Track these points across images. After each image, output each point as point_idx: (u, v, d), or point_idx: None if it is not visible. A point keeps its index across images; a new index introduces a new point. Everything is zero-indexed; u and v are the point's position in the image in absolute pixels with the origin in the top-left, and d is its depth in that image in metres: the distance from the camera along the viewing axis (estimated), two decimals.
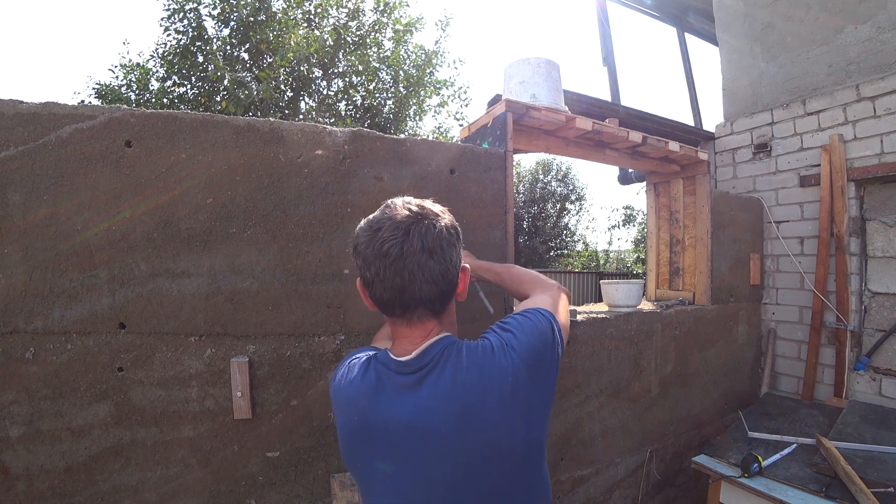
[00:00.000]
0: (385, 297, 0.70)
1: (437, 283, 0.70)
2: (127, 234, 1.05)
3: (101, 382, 1.04)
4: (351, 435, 0.74)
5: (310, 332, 1.22)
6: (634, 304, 2.02)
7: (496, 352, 0.71)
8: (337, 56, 7.58)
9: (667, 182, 2.49)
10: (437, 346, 0.72)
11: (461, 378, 0.68)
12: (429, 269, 0.68)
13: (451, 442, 0.67)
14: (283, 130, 1.18)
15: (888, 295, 2.19)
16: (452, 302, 0.78)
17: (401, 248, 0.67)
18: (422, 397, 0.68)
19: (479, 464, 0.67)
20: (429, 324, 0.74)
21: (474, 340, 0.75)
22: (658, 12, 4.04)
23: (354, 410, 0.73)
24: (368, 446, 0.72)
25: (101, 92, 6.91)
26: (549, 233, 14.48)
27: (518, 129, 1.69)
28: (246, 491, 1.16)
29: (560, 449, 1.68)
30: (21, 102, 0.99)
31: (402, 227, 0.68)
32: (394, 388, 0.71)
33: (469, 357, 0.70)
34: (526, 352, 0.72)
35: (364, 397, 0.72)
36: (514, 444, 0.69)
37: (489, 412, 0.67)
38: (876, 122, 2.19)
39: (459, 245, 0.76)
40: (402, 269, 0.67)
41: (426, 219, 0.71)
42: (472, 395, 0.67)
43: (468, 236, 1.44)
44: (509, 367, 0.69)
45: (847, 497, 1.33)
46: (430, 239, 0.69)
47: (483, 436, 0.67)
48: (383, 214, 0.72)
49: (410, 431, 0.68)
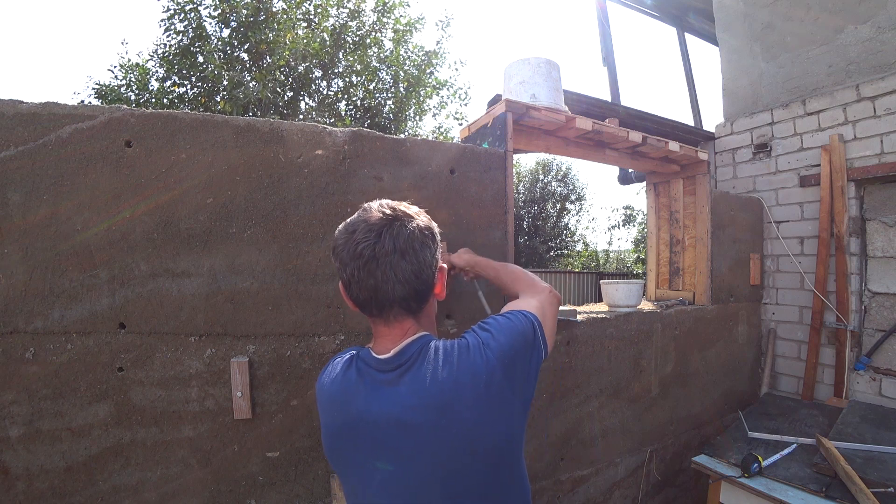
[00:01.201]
0: (361, 297, 0.72)
1: (410, 282, 0.71)
2: (127, 234, 1.05)
3: (101, 382, 1.04)
4: (334, 433, 0.75)
5: (310, 332, 1.22)
6: (634, 304, 2.02)
7: (471, 350, 0.72)
8: (337, 56, 7.58)
9: (667, 182, 2.49)
10: (415, 345, 0.73)
11: (436, 376, 0.69)
12: (401, 269, 0.70)
13: (429, 439, 0.67)
14: (283, 130, 1.18)
15: (888, 295, 2.19)
16: (430, 301, 0.79)
17: (373, 249, 0.69)
18: (401, 394, 0.69)
19: (457, 461, 0.68)
20: (405, 322, 0.75)
21: (451, 339, 0.76)
22: (658, 12, 4.04)
23: (337, 408, 0.75)
24: (352, 444, 0.73)
25: (100, 92, 6.89)
26: (549, 233, 14.48)
27: (518, 129, 1.69)
28: (246, 491, 1.16)
29: (560, 449, 1.69)
30: (21, 102, 0.99)
31: (375, 228, 0.70)
32: (374, 385, 0.72)
33: (444, 355, 0.71)
34: (502, 351, 0.72)
35: (346, 393, 0.74)
36: (491, 443, 0.69)
37: (464, 410, 0.68)
38: (876, 122, 2.19)
39: (435, 245, 0.77)
40: (374, 270, 0.69)
41: (398, 220, 0.72)
42: (447, 393, 0.68)
43: (468, 236, 1.44)
44: (483, 365, 0.70)
45: (847, 497, 1.33)
46: (402, 240, 0.70)
47: (459, 433, 0.68)
48: (359, 217, 0.74)
49: (392, 427, 0.69)
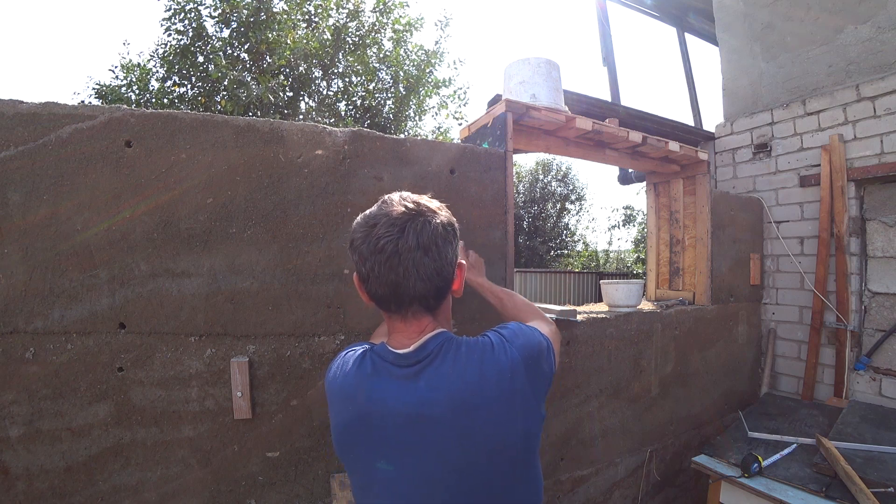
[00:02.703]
0: (380, 292, 0.70)
1: (432, 279, 0.70)
2: (127, 234, 1.05)
3: (101, 382, 1.04)
4: (346, 428, 0.73)
5: (310, 332, 1.22)
6: (634, 304, 2.02)
7: (496, 348, 0.72)
8: (336, 56, 7.58)
9: (667, 182, 2.49)
10: (436, 341, 0.72)
11: (460, 372, 0.68)
12: (423, 265, 0.68)
13: (449, 435, 0.67)
14: (283, 130, 1.18)
15: (888, 295, 2.19)
16: (448, 299, 0.78)
17: (396, 244, 0.67)
18: (420, 388, 0.68)
19: (478, 458, 0.67)
20: (424, 320, 0.74)
21: (473, 337, 0.76)
22: (658, 12, 4.04)
23: (350, 402, 0.73)
24: (365, 439, 0.71)
25: (101, 92, 6.89)
26: (549, 233, 14.48)
27: (518, 129, 1.69)
28: (246, 491, 1.16)
29: (560, 449, 1.68)
30: (21, 102, 0.99)
31: (398, 223, 0.68)
32: (391, 379, 0.71)
33: (468, 352, 0.71)
34: (525, 351, 0.73)
35: (360, 387, 0.72)
36: (512, 439, 0.69)
37: (488, 407, 0.67)
38: (876, 122, 2.19)
39: (456, 242, 0.76)
40: (396, 266, 0.67)
41: (422, 215, 0.70)
42: (471, 389, 0.67)
43: (468, 236, 1.44)
44: (508, 362, 0.70)
45: (847, 497, 1.33)
46: (426, 236, 0.69)
47: (482, 430, 0.67)
48: (380, 210, 0.71)
49: (408, 422, 0.67)
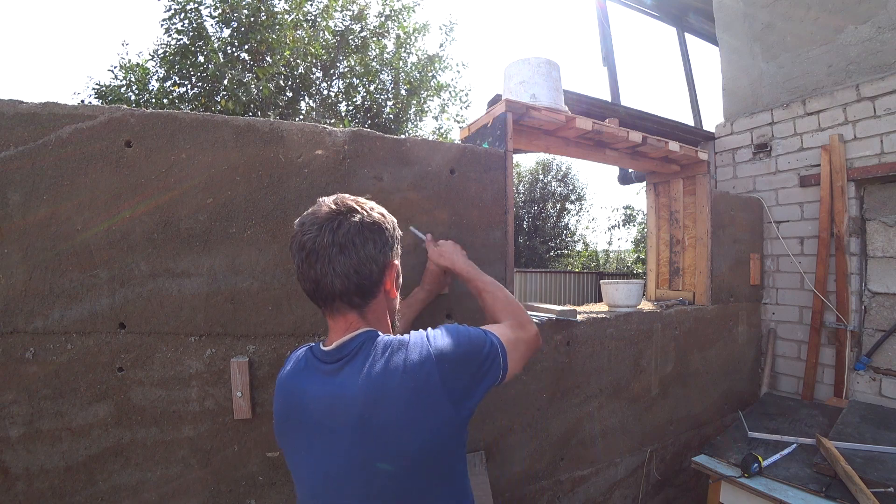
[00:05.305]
0: (306, 288, 0.75)
1: (350, 277, 0.71)
2: (127, 234, 1.05)
3: (101, 382, 1.04)
4: (278, 418, 0.78)
5: (310, 332, 1.22)
6: (634, 304, 2.02)
7: (409, 347, 0.71)
8: (338, 58, 7.58)
9: (667, 182, 2.49)
10: (357, 340, 0.73)
11: (369, 371, 0.69)
12: (339, 263, 0.71)
13: (355, 428, 0.67)
14: (283, 130, 1.18)
15: (888, 295, 2.19)
16: (378, 297, 0.78)
17: (314, 242, 0.71)
18: (337, 385, 0.71)
19: (384, 459, 0.66)
20: (349, 317, 0.75)
21: (400, 336, 0.75)
22: (658, 12, 4.04)
23: (284, 395, 0.78)
24: (291, 429, 0.75)
25: (101, 92, 6.89)
26: (549, 233, 14.48)
27: (518, 129, 1.69)
28: (246, 491, 1.16)
29: (560, 449, 1.69)
30: (21, 102, 0.99)
31: (318, 222, 0.72)
32: (317, 374, 0.75)
33: (383, 350, 0.71)
34: (444, 355, 0.70)
35: (292, 382, 0.77)
36: (416, 446, 0.67)
37: (388, 408, 0.66)
38: (876, 122, 2.19)
39: (382, 240, 0.76)
40: (315, 263, 0.71)
41: (341, 214, 0.73)
42: (374, 384, 0.67)
43: (468, 236, 1.44)
44: (418, 359, 0.69)
45: (847, 497, 1.33)
46: (342, 234, 0.71)
47: (383, 426, 0.66)
48: (310, 210, 0.76)
49: (323, 415, 0.70)
